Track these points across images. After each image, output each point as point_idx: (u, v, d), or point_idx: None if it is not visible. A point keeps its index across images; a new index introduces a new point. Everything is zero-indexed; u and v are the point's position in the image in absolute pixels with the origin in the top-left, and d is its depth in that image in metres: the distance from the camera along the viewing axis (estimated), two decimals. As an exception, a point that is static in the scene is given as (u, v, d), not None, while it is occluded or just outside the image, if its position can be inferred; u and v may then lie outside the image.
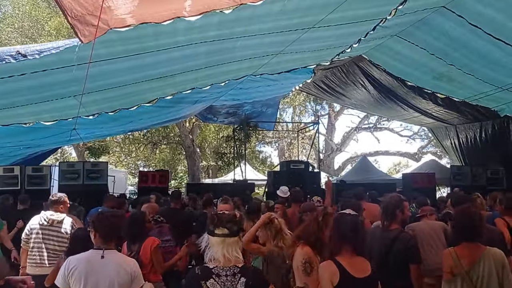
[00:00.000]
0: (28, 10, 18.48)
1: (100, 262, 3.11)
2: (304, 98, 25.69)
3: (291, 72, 9.08)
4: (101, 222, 3.27)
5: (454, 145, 13.99)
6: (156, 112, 9.69)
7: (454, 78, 8.19)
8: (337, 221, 3.18)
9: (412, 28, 6.78)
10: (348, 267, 2.93)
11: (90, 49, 3.69)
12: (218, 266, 2.55)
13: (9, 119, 6.91)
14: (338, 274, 2.89)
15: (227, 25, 4.53)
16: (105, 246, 3.21)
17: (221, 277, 2.51)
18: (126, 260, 3.29)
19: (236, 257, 2.59)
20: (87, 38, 2.87)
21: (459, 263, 3.25)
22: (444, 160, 24.96)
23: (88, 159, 21.11)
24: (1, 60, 3.38)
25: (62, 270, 3.13)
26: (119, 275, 3.11)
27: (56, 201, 5.22)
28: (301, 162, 13.74)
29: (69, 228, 5.14)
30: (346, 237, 3.02)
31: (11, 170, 10.56)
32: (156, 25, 3.31)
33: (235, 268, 2.56)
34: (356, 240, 3.02)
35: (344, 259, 2.97)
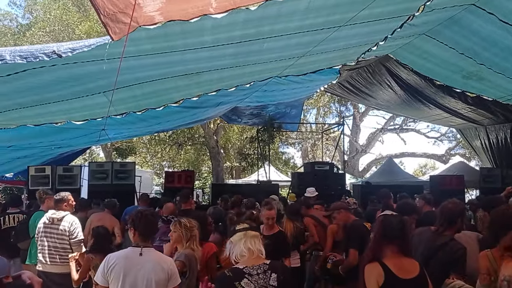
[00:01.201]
0: (59, 14, 18.99)
1: (138, 259, 3.18)
2: (328, 99, 25.54)
3: (316, 73, 9.04)
4: (140, 220, 3.33)
5: (485, 146, 13.65)
6: (182, 113, 9.81)
7: (484, 77, 8.02)
8: (381, 222, 3.16)
9: (440, 27, 6.67)
10: (393, 268, 2.90)
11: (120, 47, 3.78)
12: (248, 266, 2.61)
13: (41, 118, 7.09)
14: (383, 275, 2.87)
15: (253, 24, 4.54)
16: (143, 244, 3.27)
17: (253, 276, 2.57)
18: (163, 258, 3.34)
19: (259, 250, 2.68)
20: (117, 36, 2.93)
21: (497, 266, 3.17)
22: (473, 162, 24.45)
23: (115, 159, 21.54)
24: (35, 58, 3.49)
25: (102, 267, 3.21)
26: (156, 273, 3.15)
27: (60, 200, 5.36)
28: (325, 164, 13.68)
29: (67, 225, 5.24)
30: (392, 237, 2.99)
31: (42, 170, 10.87)
32: (183, 23, 3.36)
33: (264, 265, 2.62)
34: (403, 240, 3.00)
35: (389, 260, 2.94)
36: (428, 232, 3.92)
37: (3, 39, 21.52)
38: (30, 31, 20.14)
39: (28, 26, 22.19)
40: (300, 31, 5.16)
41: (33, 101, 5.96)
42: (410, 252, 3.07)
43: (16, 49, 3.63)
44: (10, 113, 6.20)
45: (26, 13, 24.47)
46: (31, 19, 22.99)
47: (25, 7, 24.42)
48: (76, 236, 5.28)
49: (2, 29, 22.92)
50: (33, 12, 23.29)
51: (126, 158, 22.35)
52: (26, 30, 21.26)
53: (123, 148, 21.82)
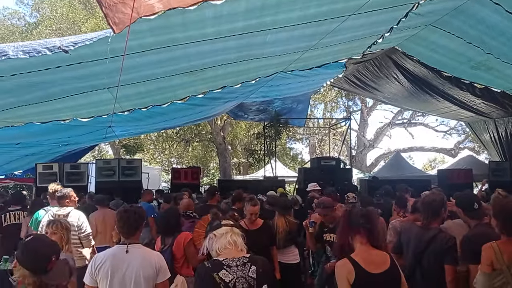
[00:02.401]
0: (65, 12, 19.08)
1: (125, 256, 3.16)
2: (335, 94, 25.44)
3: (322, 68, 9.00)
4: (121, 217, 3.33)
5: (494, 140, 13.53)
6: (188, 110, 9.83)
7: (492, 66, 7.93)
8: (346, 214, 3.12)
9: (447, 17, 6.60)
10: (363, 263, 2.85)
11: (122, 42, 3.77)
12: (228, 259, 2.62)
13: (48, 115, 7.14)
14: (354, 271, 2.82)
15: (254, 14, 4.50)
16: (128, 240, 3.26)
17: (232, 267, 2.59)
18: (150, 253, 3.31)
19: (242, 245, 2.72)
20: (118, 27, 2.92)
21: (501, 258, 3.13)
22: (482, 155, 24.23)
23: (123, 156, 21.66)
24: (38, 53, 3.49)
25: (89, 267, 3.20)
26: (144, 268, 3.14)
27: (62, 196, 5.37)
28: (332, 159, 13.61)
29: (75, 220, 5.27)
30: (358, 226, 2.95)
31: (50, 167, 10.96)
32: (183, 12, 3.33)
33: (244, 258, 2.64)
34: (370, 229, 2.94)
35: (359, 255, 2.89)
36: (415, 228, 3.90)
37: (11, 37, 21.66)
38: (37, 29, 20.27)
39: (35, 24, 22.34)
40: (303, 22, 5.10)
41: (38, 98, 5.99)
42: (379, 243, 3.01)
43: (19, 44, 3.63)
44: (16, 111, 6.24)
45: (33, 11, 24.63)
46: (38, 18, 23.12)
47: (32, 5, 24.57)
48: (85, 230, 5.34)
49: (10, 27, 23.09)
50: (40, 10, 23.42)
51: (134, 155, 22.45)
52: (34, 28, 21.40)
53: (131, 145, 21.91)
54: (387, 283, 2.88)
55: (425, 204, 3.90)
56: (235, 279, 2.55)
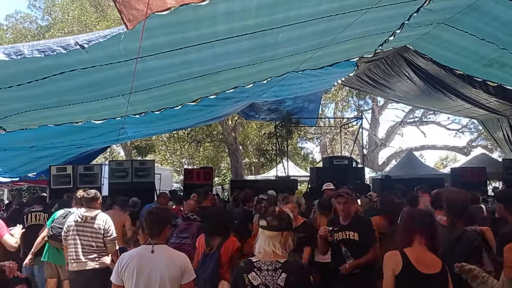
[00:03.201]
0: (77, 15, 19.25)
1: (150, 256, 3.19)
2: (346, 93, 25.32)
3: (333, 66, 8.97)
4: (146, 217, 3.37)
5: (507, 137, 13.37)
6: (200, 111, 9.87)
7: (506, 63, 7.82)
8: (410, 213, 3.11)
9: (460, 15, 6.51)
10: (414, 259, 2.83)
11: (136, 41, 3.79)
12: (260, 260, 2.59)
13: (62, 118, 7.22)
14: (401, 264, 2.81)
15: (266, 11, 4.49)
16: (153, 241, 3.29)
17: (262, 271, 2.56)
18: (175, 254, 3.33)
19: (274, 251, 2.61)
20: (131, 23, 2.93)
21: None
22: (495, 154, 23.97)
23: (135, 157, 21.80)
24: (52, 52, 3.52)
25: (116, 266, 3.25)
26: (169, 269, 3.16)
27: (92, 198, 5.36)
28: (344, 158, 13.58)
29: (102, 223, 5.27)
30: (420, 229, 2.94)
31: (64, 169, 11.07)
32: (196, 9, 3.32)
33: (277, 263, 2.58)
34: (431, 234, 2.94)
35: (412, 251, 2.88)
36: (440, 227, 3.83)
37: (23, 41, 21.90)
38: (49, 32, 20.47)
39: (47, 27, 22.57)
40: (314, 18, 5.07)
41: (54, 103, 6.07)
42: (437, 249, 2.97)
43: (34, 43, 3.67)
44: (31, 114, 6.32)
45: (45, 15, 24.87)
46: (50, 21, 23.36)
47: (44, 9, 24.82)
48: (112, 234, 5.32)
49: (22, 31, 23.35)
50: (52, 13, 23.65)
51: (146, 156, 22.59)
52: (46, 31, 21.62)
53: (143, 146, 22.04)
54: (434, 285, 2.85)
55: (449, 203, 3.84)
56: (262, 284, 2.53)
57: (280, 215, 2.71)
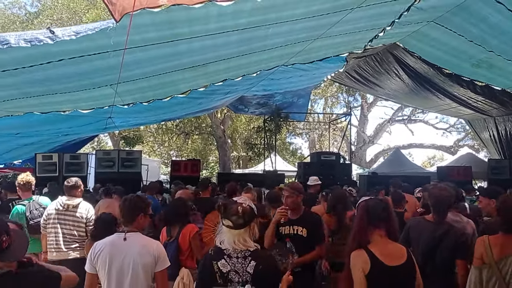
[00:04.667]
0: (67, 2, 18.96)
1: (123, 244, 3.16)
2: (336, 89, 25.39)
3: (323, 61, 8.97)
4: (123, 204, 3.34)
5: (493, 138, 13.56)
6: (188, 103, 9.83)
7: (494, 64, 7.91)
8: (365, 206, 3.02)
9: (449, 14, 6.55)
10: (380, 255, 2.81)
11: (124, 35, 3.76)
12: (231, 248, 2.60)
13: (48, 107, 7.14)
14: (369, 262, 2.79)
15: (260, 12, 4.50)
16: (127, 228, 3.26)
17: (232, 258, 2.57)
18: (149, 241, 3.29)
19: (244, 244, 2.62)
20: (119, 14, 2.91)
21: (490, 252, 3.17)
22: (481, 153, 24.24)
23: (123, 148, 21.66)
24: (39, 42, 3.47)
25: (89, 255, 3.22)
26: (142, 256, 3.13)
27: (72, 186, 5.26)
28: (332, 154, 13.64)
29: (84, 212, 5.20)
30: (378, 220, 2.90)
31: (50, 157, 10.97)
32: (188, 9, 3.33)
33: (247, 251, 2.60)
34: (390, 223, 2.91)
35: (376, 247, 2.85)
36: (426, 223, 3.86)
37: (11, 26, 21.55)
38: (38, 18, 20.17)
39: (36, 14, 22.22)
40: (306, 17, 5.10)
41: (40, 92, 5.98)
42: (396, 237, 2.98)
43: (21, 33, 3.62)
44: (17, 101, 6.24)
45: (34, 1, 24.51)
46: (39, 7, 23.01)
47: (34, -5, 24.45)
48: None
49: (11, 17, 22.96)
50: (41, 0, 23.31)
51: (134, 146, 22.45)
52: (34, 18, 21.29)
53: (131, 137, 21.90)
54: (403, 276, 2.85)
55: (435, 200, 3.87)
56: (232, 271, 2.53)
57: (244, 211, 2.69)
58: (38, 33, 3.50)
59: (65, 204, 5.19)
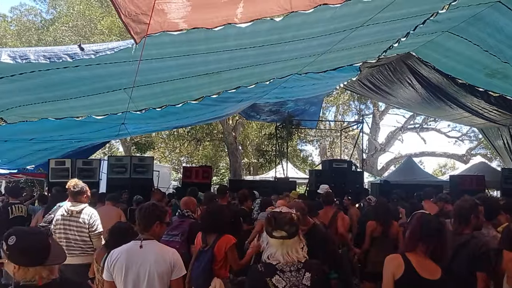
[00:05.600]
0: (82, 9, 19.23)
1: (139, 252, 3.17)
2: (348, 97, 25.33)
3: (336, 71, 8.96)
4: (139, 212, 3.36)
5: (507, 146, 13.37)
6: (201, 109, 9.86)
7: (509, 75, 7.82)
8: (419, 219, 3.04)
9: (465, 24, 6.52)
10: (416, 264, 2.81)
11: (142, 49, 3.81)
12: (281, 263, 2.55)
13: (63, 112, 7.22)
14: (403, 268, 2.79)
15: (277, 31, 4.54)
16: (143, 236, 3.28)
17: (285, 273, 2.51)
18: (165, 249, 3.30)
19: (296, 256, 2.59)
20: (139, 36, 2.96)
21: None
22: (494, 162, 23.99)
23: (134, 153, 21.80)
24: (58, 59, 3.53)
25: (106, 263, 3.24)
26: (158, 264, 3.14)
27: (79, 192, 5.30)
28: (343, 161, 13.58)
29: (87, 218, 5.24)
30: (425, 237, 2.89)
31: (62, 163, 11.04)
32: (207, 30, 3.37)
33: (299, 263, 2.55)
34: (436, 243, 2.89)
35: (414, 257, 2.86)
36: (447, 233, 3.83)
37: (27, 33, 21.92)
38: (53, 26, 20.48)
39: (51, 21, 22.57)
40: (323, 35, 5.12)
41: (56, 96, 6.07)
42: (440, 257, 2.92)
43: (41, 49, 3.68)
44: (32, 107, 6.32)
45: (50, 8, 24.89)
46: (55, 14, 23.37)
47: (49, 2, 24.83)
48: (96, 229, 5.28)
49: (27, 23, 23.37)
50: (57, 7, 23.67)
51: (145, 152, 22.59)
52: (50, 25, 21.63)
53: (142, 143, 22.04)
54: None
55: (455, 210, 3.86)
56: (288, 286, 2.48)
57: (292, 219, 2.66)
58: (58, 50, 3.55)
59: (69, 210, 5.26)
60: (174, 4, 2.94)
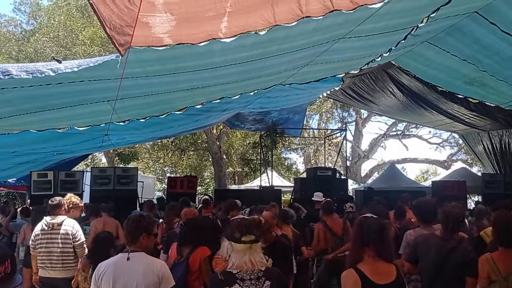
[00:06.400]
0: (63, 20, 19.03)
1: (126, 264, 3.16)
2: (331, 105, 25.55)
3: (320, 82, 9.06)
4: (127, 224, 3.35)
5: (488, 152, 13.63)
6: (185, 119, 9.85)
7: (486, 83, 8.03)
8: (359, 224, 3.05)
9: (443, 34, 6.67)
10: (369, 273, 2.83)
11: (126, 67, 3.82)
12: (242, 271, 2.56)
13: (45, 124, 7.14)
14: (360, 282, 2.80)
15: (261, 45, 4.57)
16: (131, 248, 3.26)
17: (245, 281, 2.53)
18: (153, 261, 3.29)
19: (260, 262, 2.61)
20: (123, 48, 2.97)
21: (496, 269, 3.20)
22: (475, 168, 24.42)
23: (117, 165, 21.57)
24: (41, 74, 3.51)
25: (94, 275, 3.22)
26: (145, 277, 3.13)
27: (56, 205, 5.36)
28: (328, 169, 13.68)
29: (70, 228, 5.26)
30: (369, 241, 2.89)
31: (45, 175, 10.89)
32: (192, 46, 3.40)
33: (259, 272, 2.57)
34: (381, 244, 2.89)
35: (366, 265, 2.87)
36: (435, 238, 3.90)
37: (7, 44, 21.62)
38: (34, 36, 20.23)
39: (32, 32, 22.32)
40: (306, 47, 5.20)
41: (37, 107, 6.00)
42: (389, 257, 2.95)
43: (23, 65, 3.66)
44: (13, 119, 6.24)
45: (30, 19, 24.62)
46: (35, 25, 23.12)
47: (30, 13, 24.58)
48: (80, 239, 5.31)
49: (7, 34, 23.03)
50: (37, 18, 23.43)
51: (129, 163, 22.37)
52: (30, 35, 21.38)
53: (126, 154, 21.81)
54: None
55: (445, 215, 3.91)
56: None
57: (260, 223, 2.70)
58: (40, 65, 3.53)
59: (49, 223, 5.26)
60: (159, 18, 2.97)
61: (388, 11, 4.46)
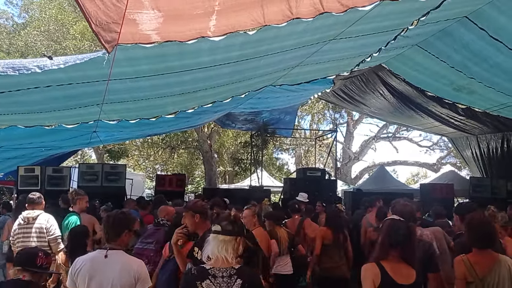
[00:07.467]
0: (55, 14, 18.88)
1: (103, 261, 3.12)
2: (322, 106, 25.63)
3: (310, 83, 9.06)
4: (106, 220, 3.32)
5: (475, 156, 13.76)
6: (175, 121, 9.80)
7: (474, 90, 8.08)
8: (388, 226, 3.16)
9: (433, 38, 6.70)
10: (390, 271, 2.95)
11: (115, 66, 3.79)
12: (215, 267, 2.57)
13: (32, 122, 7.08)
14: (380, 276, 2.92)
15: (251, 45, 4.56)
16: (109, 245, 3.22)
17: (217, 278, 2.53)
18: (131, 260, 3.24)
19: (226, 257, 2.59)
20: (110, 45, 2.94)
21: (473, 270, 3.23)
22: (464, 171, 24.62)
23: (107, 161, 21.43)
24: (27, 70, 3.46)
25: (70, 270, 3.19)
26: (121, 276, 3.08)
27: (34, 200, 5.39)
28: (317, 170, 13.68)
29: (44, 222, 5.26)
30: (397, 243, 3.01)
31: (32, 170, 10.74)
32: (180, 44, 3.37)
33: (232, 269, 2.57)
34: (407, 247, 3.02)
35: (388, 264, 2.99)
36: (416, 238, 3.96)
37: (-2, 37, 21.39)
38: (25, 30, 20.04)
39: (23, 25, 22.11)
40: (296, 47, 5.19)
41: (26, 110, 5.96)
42: (413, 260, 3.06)
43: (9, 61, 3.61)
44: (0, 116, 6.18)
45: (22, 12, 24.40)
46: (27, 18, 22.90)
47: (22, 6, 24.36)
48: (54, 233, 5.28)
49: (-2, 27, 22.81)
50: (29, 11, 23.20)
51: (118, 160, 22.24)
52: (22, 29, 21.16)
53: (115, 151, 21.69)
54: None
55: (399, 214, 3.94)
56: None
57: (235, 220, 2.73)
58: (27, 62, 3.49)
59: (25, 218, 5.26)
60: (146, 15, 2.94)
61: (378, 14, 4.47)
